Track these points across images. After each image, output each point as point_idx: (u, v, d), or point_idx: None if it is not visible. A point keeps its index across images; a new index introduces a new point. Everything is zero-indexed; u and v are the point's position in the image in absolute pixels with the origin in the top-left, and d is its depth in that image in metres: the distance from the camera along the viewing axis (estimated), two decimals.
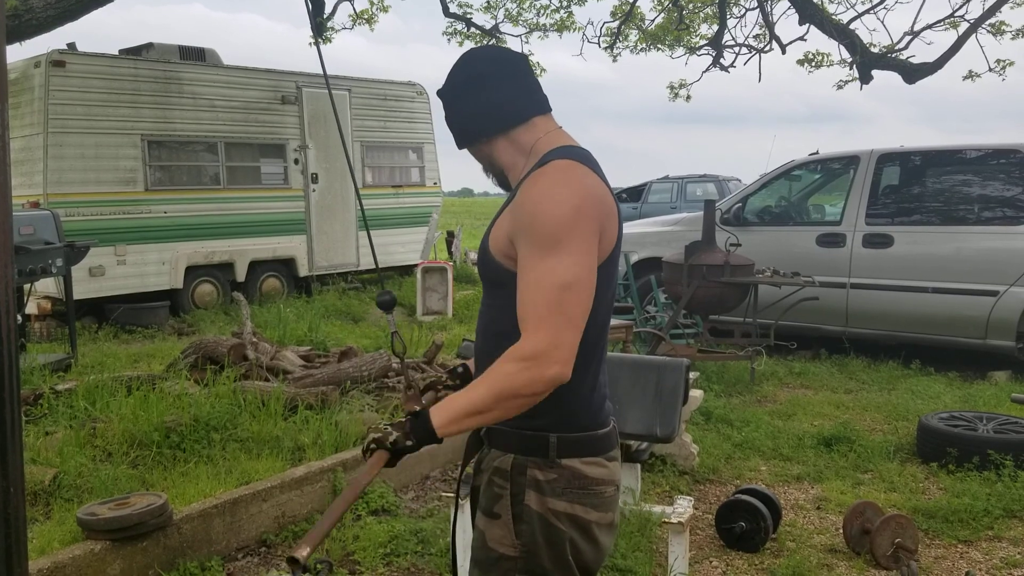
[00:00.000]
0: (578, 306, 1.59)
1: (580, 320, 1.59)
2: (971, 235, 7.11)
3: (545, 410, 1.66)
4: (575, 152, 1.72)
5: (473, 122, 1.83)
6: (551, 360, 1.54)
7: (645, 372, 3.62)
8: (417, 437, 1.61)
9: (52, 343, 8.02)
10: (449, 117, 1.89)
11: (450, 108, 1.87)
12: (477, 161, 1.91)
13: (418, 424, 1.60)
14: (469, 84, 1.82)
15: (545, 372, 1.54)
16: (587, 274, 1.60)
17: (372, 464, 1.63)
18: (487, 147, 1.83)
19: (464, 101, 1.83)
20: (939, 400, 6.21)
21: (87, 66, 9.07)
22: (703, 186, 19.73)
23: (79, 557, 3.14)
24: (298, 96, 10.87)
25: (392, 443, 1.61)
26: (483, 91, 1.80)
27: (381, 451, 1.63)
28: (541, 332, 1.56)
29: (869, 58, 10.35)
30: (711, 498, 4.50)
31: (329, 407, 4.96)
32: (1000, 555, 3.81)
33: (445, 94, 1.88)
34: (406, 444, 1.61)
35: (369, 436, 1.65)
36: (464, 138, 1.87)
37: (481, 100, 1.81)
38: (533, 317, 1.57)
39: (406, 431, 1.61)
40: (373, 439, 1.64)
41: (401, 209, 11.95)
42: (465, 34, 12.65)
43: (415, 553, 3.69)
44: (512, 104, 1.80)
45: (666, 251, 7.67)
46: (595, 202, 1.64)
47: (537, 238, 1.60)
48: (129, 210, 9.35)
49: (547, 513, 1.69)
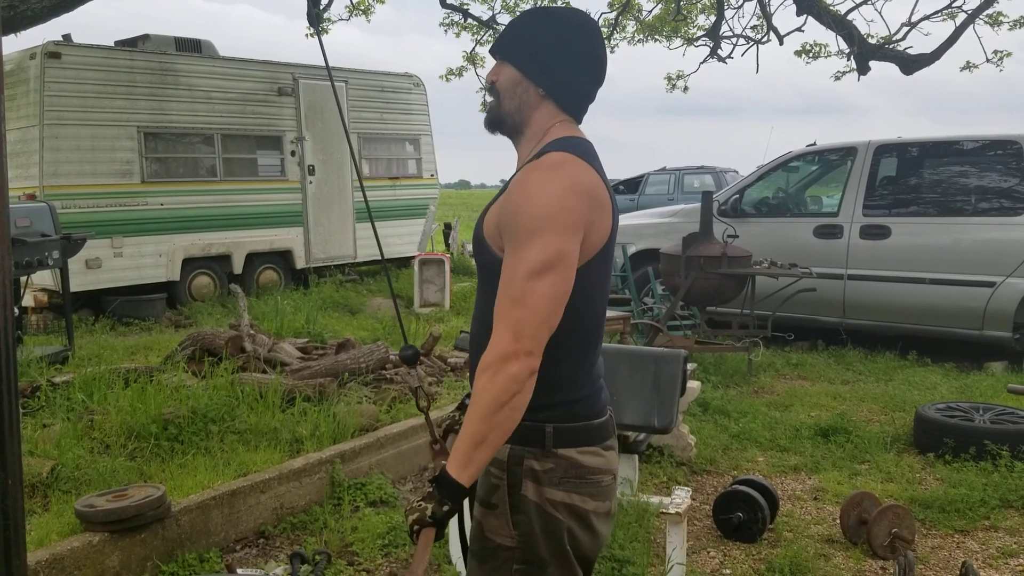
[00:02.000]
0: (546, 290, 1.56)
1: (546, 305, 1.57)
2: (968, 226, 7.11)
3: (541, 401, 1.66)
4: (573, 145, 1.71)
5: (540, 62, 1.75)
6: (513, 355, 1.54)
7: (643, 363, 3.62)
8: (450, 497, 1.59)
9: (49, 335, 8.01)
10: (524, 31, 1.78)
11: (537, 29, 1.77)
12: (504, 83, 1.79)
13: (443, 486, 1.59)
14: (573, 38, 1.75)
15: (511, 369, 1.53)
16: (558, 262, 1.58)
17: (423, 546, 1.64)
18: (520, 85, 1.77)
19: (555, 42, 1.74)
20: (936, 391, 6.22)
21: (83, 58, 9.03)
22: (700, 178, 19.72)
23: (77, 549, 3.14)
24: (295, 88, 10.83)
25: (432, 516, 1.60)
26: (575, 55, 1.75)
27: (427, 529, 1.62)
28: (500, 331, 1.56)
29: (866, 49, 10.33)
30: (708, 489, 4.51)
31: (327, 399, 4.96)
32: (996, 545, 3.83)
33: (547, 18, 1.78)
34: (444, 511, 1.60)
35: (409, 520, 1.64)
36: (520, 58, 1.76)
37: (568, 58, 1.74)
38: (497, 317, 1.58)
39: (437, 499, 1.60)
40: (414, 520, 1.63)
41: (398, 201, 11.93)
42: (462, 25, 12.61)
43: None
44: (575, 90, 1.78)
45: (663, 243, 7.67)
46: (582, 196, 1.63)
47: (517, 231, 1.60)
48: (126, 202, 9.32)
49: (544, 503, 1.69)
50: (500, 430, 1.56)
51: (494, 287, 1.65)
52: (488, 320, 1.65)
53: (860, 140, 7.83)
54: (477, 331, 1.79)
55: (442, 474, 1.59)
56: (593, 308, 1.73)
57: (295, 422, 4.59)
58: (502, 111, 1.81)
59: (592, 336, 1.76)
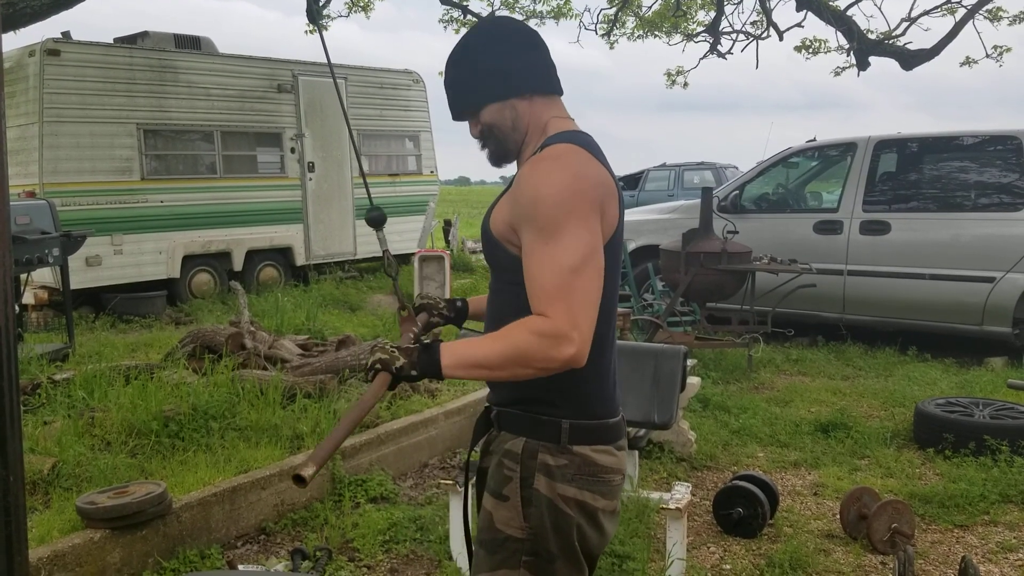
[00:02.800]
0: (590, 287, 1.58)
1: (594, 301, 1.59)
2: (968, 222, 7.11)
3: (559, 396, 1.68)
4: (576, 137, 1.71)
5: (522, 71, 1.76)
6: (570, 341, 1.53)
7: (643, 359, 3.62)
8: (422, 369, 1.61)
9: (49, 333, 8.01)
10: (486, 63, 1.77)
11: (494, 51, 1.76)
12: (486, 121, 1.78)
13: (426, 356, 1.60)
14: (519, 38, 1.77)
15: (564, 351, 1.53)
16: (592, 254, 1.59)
17: (376, 386, 1.63)
18: (520, 106, 1.76)
19: (509, 52, 1.76)
20: (936, 386, 6.23)
21: (82, 55, 9.02)
22: (700, 174, 19.70)
23: (79, 546, 3.15)
24: (294, 84, 10.82)
25: (397, 368, 1.61)
26: (533, 49, 1.77)
27: (385, 374, 1.62)
28: (560, 313, 1.54)
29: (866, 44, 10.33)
30: (708, 484, 4.52)
31: (327, 396, 4.97)
32: (996, 540, 3.83)
33: (488, 41, 1.78)
34: (411, 373, 1.61)
35: (375, 355, 1.64)
36: (502, 86, 1.75)
37: (532, 57, 1.76)
38: (549, 299, 1.56)
39: (413, 360, 1.61)
40: (379, 359, 1.63)
41: (398, 197, 11.92)
42: (461, 21, 12.60)
43: (414, 540, 3.70)
44: (541, 71, 1.78)
45: (663, 239, 7.67)
46: (593, 183, 1.63)
47: (538, 223, 1.59)
48: (125, 199, 9.32)
49: (556, 498, 1.70)
50: (508, 375, 1.59)
51: (508, 284, 1.65)
52: (503, 317, 1.65)
53: (860, 136, 7.83)
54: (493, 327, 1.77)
55: (434, 347, 1.60)
56: (607, 300, 1.72)
57: (296, 419, 4.60)
58: (503, 144, 1.81)
59: (605, 332, 1.76)
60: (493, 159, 1.84)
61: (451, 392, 5.50)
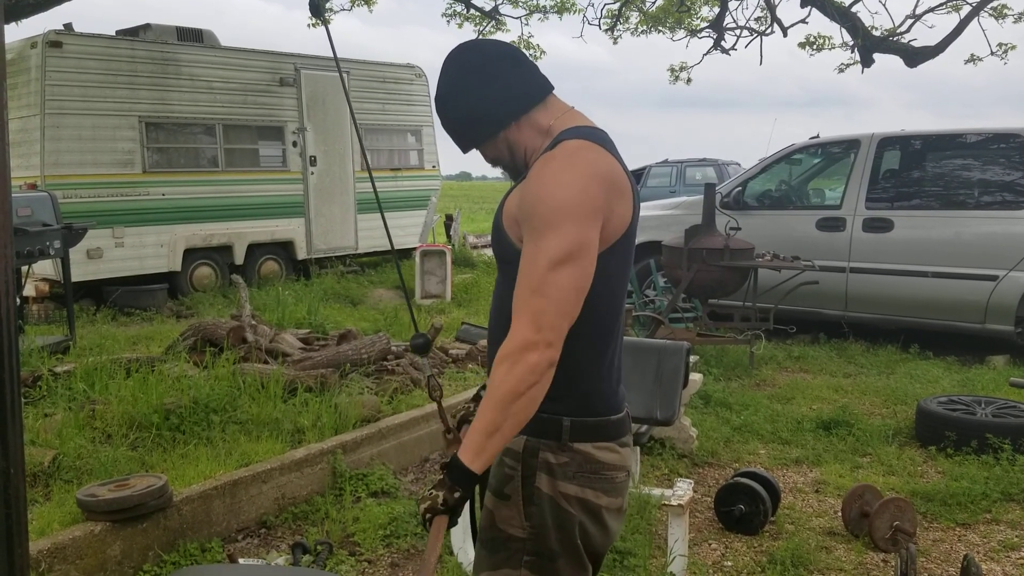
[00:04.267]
0: (567, 281, 1.56)
1: (567, 296, 1.57)
2: (971, 220, 7.10)
3: (560, 394, 1.66)
4: (588, 132, 1.70)
5: (492, 110, 1.75)
6: (533, 346, 1.53)
7: (646, 355, 3.61)
8: (461, 484, 1.59)
9: (50, 325, 8.00)
10: (457, 115, 1.79)
11: (458, 104, 1.78)
12: (490, 157, 1.83)
13: (455, 473, 1.59)
14: (481, 73, 1.76)
15: (530, 360, 1.53)
16: (579, 253, 1.57)
17: (435, 534, 1.62)
18: (508, 135, 1.77)
19: (478, 92, 1.75)
20: (938, 384, 6.22)
21: (84, 47, 9.00)
22: (702, 170, 19.68)
23: (79, 538, 3.15)
24: (296, 78, 10.80)
25: (444, 504, 1.60)
26: (497, 77, 1.75)
27: (439, 517, 1.61)
28: (521, 321, 1.55)
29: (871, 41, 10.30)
30: (710, 481, 4.51)
31: (328, 390, 4.96)
32: (998, 538, 3.83)
33: (450, 92, 1.78)
34: (455, 497, 1.59)
35: (421, 508, 1.63)
36: (484, 130, 1.78)
37: (498, 85, 1.75)
38: (517, 307, 1.57)
39: (449, 486, 1.60)
40: (427, 508, 1.62)
41: (400, 192, 11.91)
42: (465, 16, 12.58)
43: (415, 535, 3.70)
44: (526, 85, 1.77)
45: (665, 235, 7.65)
46: (602, 182, 1.62)
47: (536, 221, 1.59)
48: (127, 192, 9.31)
49: (558, 496, 1.69)
50: (515, 420, 1.56)
51: (512, 278, 1.64)
52: (507, 311, 1.64)
53: (863, 133, 7.80)
54: (495, 323, 1.78)
55: (454, 461, 1.59)
56: (612, 298, 1.71)
57: (297, 413, 4.59)
58: (512, 166, 1.82)
59: (610, 328, 1.74)
60: (511, 177, 1.86)
61: (452, 387, 5.49)
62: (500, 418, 1.54)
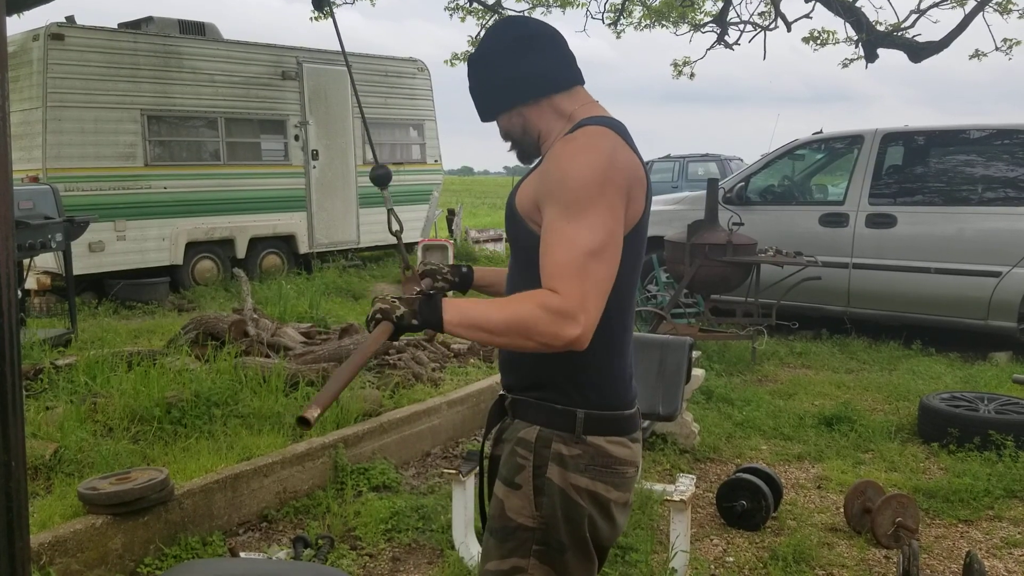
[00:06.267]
0: (604, 274, 1.56)
1: (606, 287, 1.57)
2: (974, 216, 7.08)
3: (576, 386, 1.66)
4: (609, 121, 1.70)
5: (516, 82, 1.76)
6: (576, 322, 1.51)
7: (649, 350, 3.60)
8: (423, 319, 1.59)
9: (52, 318, 8.00)
10: (482, 79, 1.81)
11: (486, 68, 1.80)
12: (502, 129, 1.83)
13: (428, 307, 1.59)
14: (518, 44, 1.76)
15: (569, 331, 1.51)
16: (612, 241, 1.57)
17: (376, 334, 1.61)
18: (526, 112, 1.78)
19: (510, 61, 1.76)
20: (940, 380, 6.21)
21: (86, 40, 8.99)
22: (705, 165, 19.65)
23: (80, 531, 3.14)
24: (299, 72, 10.78)
25: (398, 317, 1.60)
26: (532, 52, 1.76)
27: (386, 323, 1.61)
28: (571, 292, 1.52)
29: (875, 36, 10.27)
30: (712, 477, 4.50)
31: None
32: (1000, 535, 3.82)
33: (482, 56, 1.80)
34: (411, 322, 1.60)
35: (376, 305, 1.63)
36: (505, 100, 1.79)
37: (531, 60, 1.76)
38: (561, 276, 1.53)
39: (414, 309, 1.60)
40: (380, 309, 1.62)
41: (402, 186, 11.90)
42: (467, 9, 12.54)
43: (416, 529, 3.69)
44: (561, 69, 1.78)
45: (668, 230, 7.64)
46: (623, 169, 1.62)
47: (564, 201, 1.57)
48: (129, 185, 9.31)
49: (568, 488, 1.68)
50: (507, 343, 1.56)
51: (527, 264, 1.63)
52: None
53: (867, 128, 7.78)
54: None
55: (436, 299, 1.59)
56: (627, 291, 1.70)
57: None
58: (525, 144, 1.82)
59: (624, 321, 1.74)
60: (519, 158, 1.86)
61: (454, 382, 5.49)
62: (503, 331, 1.53)
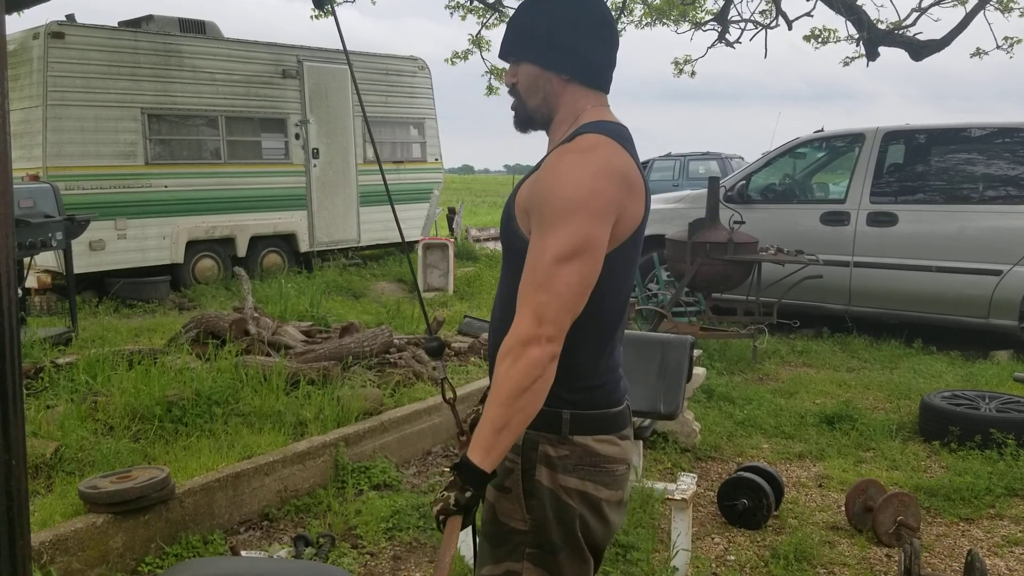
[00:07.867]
0: (572, 277, 1.55)
1: (571, 291, 1.55)
2: (975, 214, 7.07)
3: (560, 388, 1.65)
4: (608, 127, 1.68)
5: (571, 56, 1.71)
6: (535, 340, 1.52)
7: (650, 349, 3.60)
8: (472, 484, 1.57)
9: (52, 317, 8.00)
10: (524, 21, 1.75)
11: (533, 14, 1.74)
12: (509, 84, 1.78)
13: (465, 473, 1.57)
14: (595, 26, 1.72)
15: (532, 354, 1.52)
16: (586, 249, 1.56)
17: (449, 533, 1.59)
18: (550, 80, 1.73)
19: (557, 20, 1.71)
20: (941, 379, 6.20)
21: (86, 38, 8.98)
22: (705, 164, 19.64)
23: (81, 530, 3.14)
24: (299, 70, 10.77)
25: (455, 505, 1.57)
26: (600, 40, 1.73)
27: (453, 518, 1.59)
28: (524, 315, 1.54)
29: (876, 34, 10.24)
30: (713, 475, 4.50)
31: (331, 382, 4.96)
32: (1001, 533, 3.82)
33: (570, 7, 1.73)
34: (467, 497, 1.57)
35: (434, 510, 1.61)
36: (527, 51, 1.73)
37: (593, 47, 1.72)
38: (520, 301, 1.56)
39: (460, 486, 1.58)
40: (439, 511, 1.59)
41: (402, 185, 11.89)
42: (468, 8, 12.51)
43: (417, 528, 3.69)
44: (593, 61, 1.74)
45: (669, 228, 7.63)
46: (615, 179, 1.61)
47: (546, 214, 1.58)
48: (129, 184, 9.30)
49: (558, 489, 1.68)
50: (522, 415, 1.54)
51: (518, 269, 1.63)
52: (512, 305, 1.62)
53: (868, 127, 7.78)
54: (500, 315, 1.76)
55: (464, 460, 1.57)
56: (618, 295, 1.71)
57: (299, 405, 4.58)
58: (528, 109, 1.78)
59: (614, 323, 1.74)
60: (516, 122, 1.82)
61: (454, 380, 5.48)
62: (507, 413, 1.53)
